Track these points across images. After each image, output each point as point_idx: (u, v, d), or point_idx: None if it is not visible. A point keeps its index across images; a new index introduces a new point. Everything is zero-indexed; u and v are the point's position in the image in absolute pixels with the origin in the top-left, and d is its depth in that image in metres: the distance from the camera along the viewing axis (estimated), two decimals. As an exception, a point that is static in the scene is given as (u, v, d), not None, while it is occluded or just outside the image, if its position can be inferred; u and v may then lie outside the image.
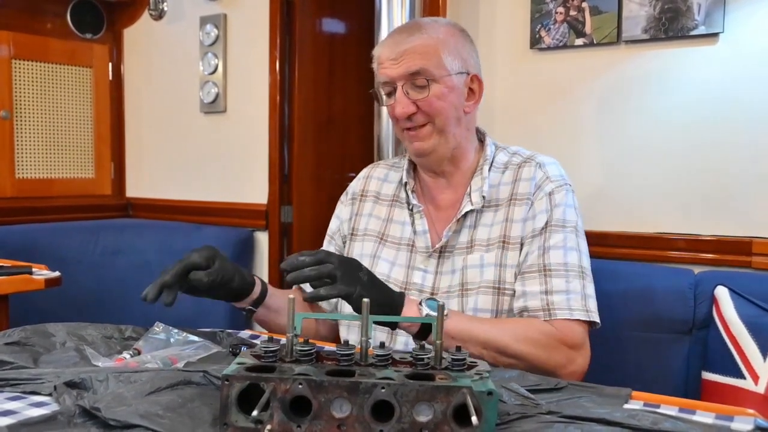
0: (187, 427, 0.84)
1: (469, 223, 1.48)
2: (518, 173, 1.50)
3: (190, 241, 3.07)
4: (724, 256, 2.08)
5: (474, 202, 1.47)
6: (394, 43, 1.44)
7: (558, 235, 1.42)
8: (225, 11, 3.22)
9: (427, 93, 1.42)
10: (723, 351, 1.78)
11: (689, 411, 0.95)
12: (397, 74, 1.43)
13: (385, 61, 1.44)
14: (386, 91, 1.48)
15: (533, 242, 1.42)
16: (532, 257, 1.41)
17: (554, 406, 0.96)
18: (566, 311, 1.35)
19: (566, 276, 1.38)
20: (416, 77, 1.42)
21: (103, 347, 1.25)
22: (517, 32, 2.44)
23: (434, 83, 1.42)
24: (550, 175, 1.48)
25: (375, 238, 1.57)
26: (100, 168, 3.58)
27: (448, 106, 1.45)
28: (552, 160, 1.54)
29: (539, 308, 1.36)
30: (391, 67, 1.43)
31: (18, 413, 0.91)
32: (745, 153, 2.07)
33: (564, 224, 1.43)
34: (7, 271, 2.04)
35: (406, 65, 1.42)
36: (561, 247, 1.41)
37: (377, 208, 1.61)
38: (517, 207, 1.46)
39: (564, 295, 1.36)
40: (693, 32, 2.11)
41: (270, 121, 3.11)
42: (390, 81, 1.44)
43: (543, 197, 1.45)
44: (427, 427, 0.83)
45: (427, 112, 1.44)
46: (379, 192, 1.63)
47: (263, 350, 0.91)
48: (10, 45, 3.17)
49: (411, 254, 1.51)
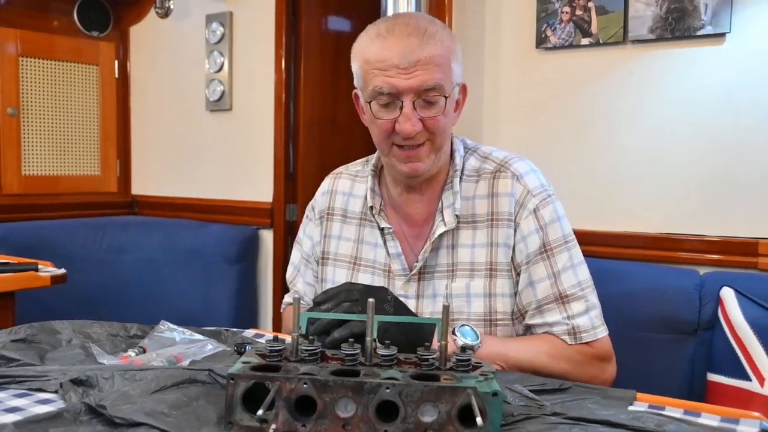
0: (193, 426, 0.84)
1: (446, 243, 1.36)
2: (494, 186, 1.36)
3: (195, 239, 3.08)
4: (729, 257, 2.08)
5: (447, 222, 1.35)
6: (404, 49, 1.24)
7: (563, 255, 1.33)
8: (231, 9, 3.22)
9: (438, 110, 1.27)
10: (728, 352, 1.78)
11: (694, 413, 0.95)
12: (408, 87, 1.25)
13: (390, 68, 1.25)
14: (382, 102, 1.28)
15: (536, 269, 1.33)
16: (543, 287, 1.32)
17: (559, 408, 0.96)
18: (591, 332, 1.32)
19: (584, 296, 1.33)
20: (430, 93, 1.25)
21: (108, 345, 1.25)
22: (522, 32, 2.43)
23: (447, 100, 1.28)
24: (530, 189, 1.35)
25: (347, 264, 1.45)
26: (106, 165, 3.59)
27: (448, 123, 1.32)
28: (527, 166, 1.39)
29: (564, 332, 1.31)
30: (399, 77, 1.24)
31: (24, 410, 0.91)
32: (752, 153, 2.07)
33: (565, 241, 1.34)
34: (13, 268, 2.05)
35: (421, 78, 1.24)
36: (570, 267, 1.33)
37: (346, 229, 1.47)
38: (501, 229, 1.34)
39: (586, 315, 1.32)
40: (700, 32, 2.10)
41: (275, 119, 3.11)
42: (395, 92, 1.26)
43: (528, 216, 1.33)
44: (432, 427, 0.83)
45: (431, 130, 1.28)
46: (346, 209, 1.48)
47: (268, 349, 0.91)
48: (17, 42, 3.19)
49: (388, 280, 1.40)
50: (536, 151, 2.38)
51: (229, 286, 3.04)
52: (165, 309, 2.75)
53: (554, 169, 2.17)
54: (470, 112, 2.43)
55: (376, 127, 1.32)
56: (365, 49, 1.31)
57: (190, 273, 3.02)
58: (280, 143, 3.11)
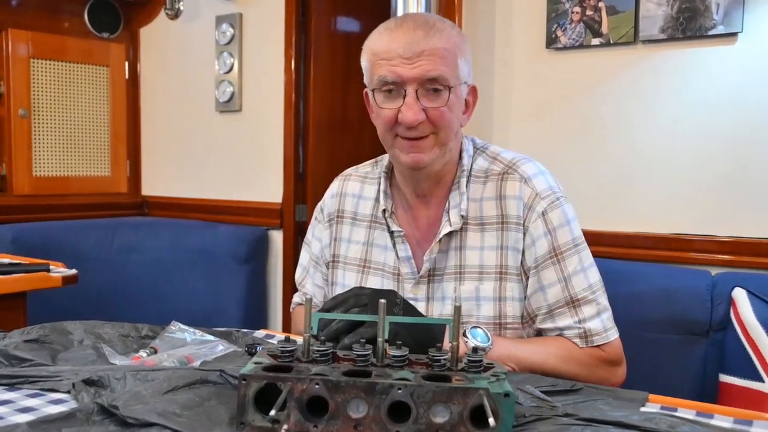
0: (205, 426, 0.85)
1: (454, 245, 1.36)
2: (502, 188, 1.36)
3: (204, 240, 3.09)
4: (741, 257, 2.07)
5: (453, 222, 1.35)
6: (410, 40, 1.28)
7: (573, 259, 1.32)
8: (241, 10, 3.23)
9: (442, 102, 1.29)
10: (740, 353, 1.77)
11: (707, 415, 0.94)
12: (411, 76, 1.27)
13: (395, 57, 1.28)
14: (386, 90, 1.31)
15: (546, 273, 1.32)
16: (553, 292, 1.32)
17: (571, 409, 0.95)
18: (603, 335, 1.31)
19: (595, 299, 1.32)
20: (433, 83, 1.28)
21: (119, 346, 1.26)
22: (533, 32, 2.43)
23: (451, 92, 1.29)
24: (539, 191, 1.34)
25: (357, 267, 1.45)
26: (116, 166, 3.60)
27: (454, 118, 1.32)
28: (536, 168, 1.38)
29: (576, 336, 1.31)
30: (404, 66, 1.27)
31: (37, 410, 0.92)
32: (764, 153, 2.05)
33: (575, 244, 1.33)
34: (25, 269, 2.06)
35: (425, 68, 1.27)
36: (580, 271, 1.32)
37: (356, 231, 1.47)
38: (511, 233, 1.34)
39: (597, 318, 1.31)
40: (711, 32, 2.09)
41: (285, 120, 3.12)
42: (399, 81, 1.28)
43: (537, 219, 1.32)
44: (444, 428, 0.83)
45: (434, 122, 1.29)
46: (356, 212, 1.49)
47: (280, 350, 0.91)
48: (29, 44, 3.20)
49: (398, 283, 1.40)
50: (546, 150, 2.37)
51: (239, 286, 3.05)
52: (175, 309, 2.76)
53: (564, 169, 2.16)
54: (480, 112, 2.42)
55: (380, 118, 1.33)
56: (373, 43, 1.35)
57: (200, 274, 3.03)
58: (290, 144, 3.12)
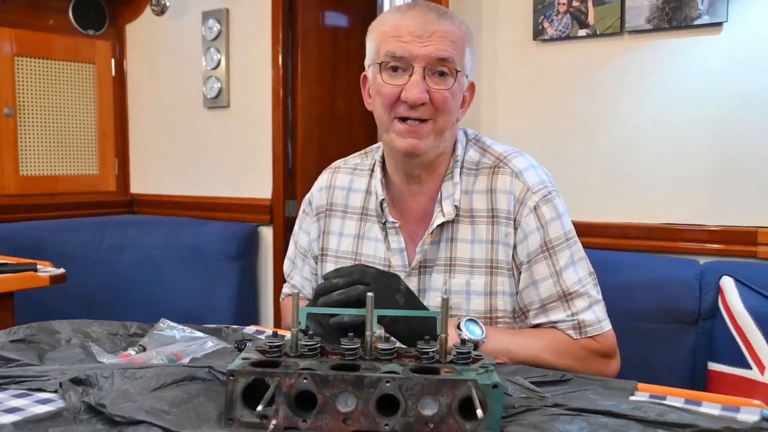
0: (193, 423, 0.84)
1: (445, 236, 1.36)
2: (493, 182, 1.35)
3: (194, 237, 3.08)
4: (729, 246, 2.08)
5: (446, 213, 1.34)
6: (422, 20, 1.26)
7: (564, 253, 1.32)
8: (227, 6, 3.21)
9: (447, 85, 1.27)
10: (729, 341, 1.78)
11: (695, 402, 0.95)
12: (421, 54, 1.25)
13: (405, 34, 1.26)
14: (392, 65, 1.28)
15: (537, 268, 1.32)
16: (546, 286, 1.31)
17: (560, 399, 0.96)
18: (597, 326, 1.31)
19: (586, 292, 1.32)
20: (442, 64, 1.26)
21: (108, 344, 1.25)
22: (519, 24, 2.43)
23: (456, 78, 1.28)
24: (530, 186, 1.33)
25: (348, 260, 1.44)
26: (104, 164, 3.58)
27: (455, 106, 1.31)
28: (527, 162, 1.37)
29: (570, 327, 1.31)
30: (414, 43, 1.25)
31: (24, 410, 0.91)
32: (751, 142, 2.06)
33: (566, 238, 1.33)
34: (12, 269, 2.04)
35: (436, 47, 1.25)
36: (571, 264, 1.32)
37: (347, 224, 1.46)
38: (501, 227, 1.33)
39: (589, 310, 1.31)
40: (696, 22, 2.09)
41: (273, 116, 3.11)
42: (407, 57, 1.26)
43: (529, 214, 1.32)
44: (433, 420, 0.83)
45: (436, 107, 1.27)
46: (347, 205, 1.47)
47: (267, 345, 0.91)
48: (13, 42, 3.18)
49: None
50: (534, 142, 2.37)
51: (230, 283, 3.04)
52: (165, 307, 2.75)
53: (553, 160, 2.16)
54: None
55: (381, 96, 1.30)
56: (382, 23, 1.33)
57: (190, 271, 3.02)
58: (279, 139, 3.11)
